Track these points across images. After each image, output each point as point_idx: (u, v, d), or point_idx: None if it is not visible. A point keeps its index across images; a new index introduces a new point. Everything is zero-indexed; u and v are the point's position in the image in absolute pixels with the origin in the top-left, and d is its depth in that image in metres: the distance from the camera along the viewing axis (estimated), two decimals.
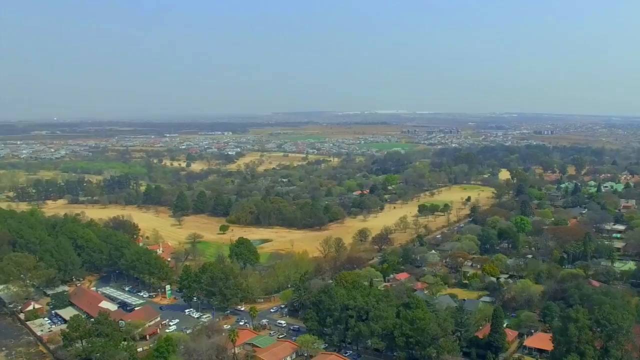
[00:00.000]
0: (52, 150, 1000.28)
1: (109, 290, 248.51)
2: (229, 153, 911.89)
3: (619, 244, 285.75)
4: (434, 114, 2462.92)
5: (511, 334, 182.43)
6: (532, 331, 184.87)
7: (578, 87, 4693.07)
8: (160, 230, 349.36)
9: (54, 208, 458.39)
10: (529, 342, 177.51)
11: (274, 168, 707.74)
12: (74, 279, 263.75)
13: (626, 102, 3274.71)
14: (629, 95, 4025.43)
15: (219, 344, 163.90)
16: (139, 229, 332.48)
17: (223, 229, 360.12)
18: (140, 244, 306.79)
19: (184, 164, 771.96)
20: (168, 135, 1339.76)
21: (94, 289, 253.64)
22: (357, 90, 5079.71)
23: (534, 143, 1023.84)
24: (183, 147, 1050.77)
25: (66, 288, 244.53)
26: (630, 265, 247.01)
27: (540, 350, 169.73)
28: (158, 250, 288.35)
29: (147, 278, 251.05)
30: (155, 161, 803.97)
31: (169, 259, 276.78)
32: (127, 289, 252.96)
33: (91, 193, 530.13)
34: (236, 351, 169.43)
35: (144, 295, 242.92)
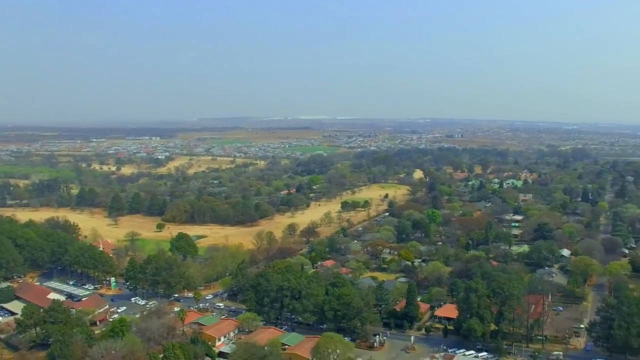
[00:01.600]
0: None
1: (54, 284, 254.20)
2: (159, 157, 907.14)
3: (516, 231, 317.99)
4: (353, 119, 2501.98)
5: (424, 307, 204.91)
6: (442, 303, 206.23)
7: (485, 95, 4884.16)
8: (98, 229, 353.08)
9: None
10: (439, 312, 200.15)
11: (203, 171, 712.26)
12: (15, 276, 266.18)
13: (529, 109, 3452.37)
14: (531, 103, 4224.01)
15: (169, 324, 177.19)
16: (79, 228, 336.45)
17: (160, 227, 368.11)
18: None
19: (113, 168, 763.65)
20: (95, 140, 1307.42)
21: (37, 284, 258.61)
22: (280, 97, 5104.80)
23: (445, 146, 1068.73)
24: (111, 151, 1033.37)
25: (9, 284, 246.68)
26: (525, 248, 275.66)
27: (449, 319, 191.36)
28: (99, 247, 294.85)
29: (92, 272, 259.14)
30: (83, 165, 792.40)
31: (110, 255, 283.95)
32: (71, 282, 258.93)
33: (19, 197, 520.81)
34: (185, 329, 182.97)
35: (89, 288, 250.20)
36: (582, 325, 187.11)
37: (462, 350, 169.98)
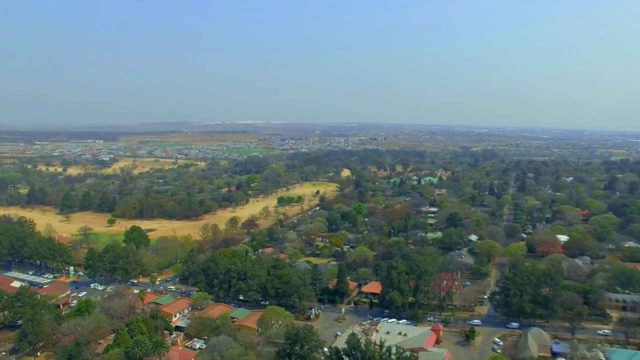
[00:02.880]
0: None
1: (14, 274, 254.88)
2: (104, 159, 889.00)
3: (431, 221, 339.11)
4: (286, 123, 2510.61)
5: (352, 284, 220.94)
6: (367, 281, 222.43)
7: (406, 102, 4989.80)
8: (51, 225, 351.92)
9: None
10: (365, 288, 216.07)
11: (147, 171, 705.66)
12: None
13: (446, 114, 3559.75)
14: (447, 109, 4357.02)
15: (130, 303, 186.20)
16: (35, 224, 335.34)
17: (111, 222, 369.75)
18: None
19: (60, 169, 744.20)
20: (38, 142, 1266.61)
21: None
22: (217, 103, 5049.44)
23: (370, 147, 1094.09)
24: (56, 153, 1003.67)
25: None
26: (439, 234, 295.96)
27: (374, 294, 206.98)
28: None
29: (51, 262, 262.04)
30: (29, 166, 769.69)
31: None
32: (30, 273, 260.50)
33: None
34: (144, 308, 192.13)
35: (49, 277, 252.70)
36: (485, 296, 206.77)
37: (385, 319, 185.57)
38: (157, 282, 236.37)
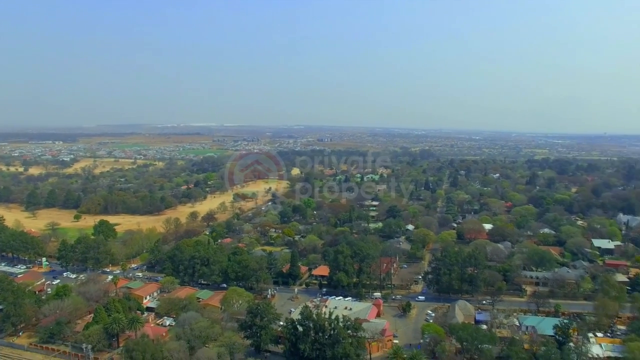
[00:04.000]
0: None
1: None
2: (64, 159, 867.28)
3: (373, 213, 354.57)
4: (238, 126, 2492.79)
5: (303, 269, 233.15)
6: (317, 266, 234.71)
7: (349, 106, 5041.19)
8: (19, 221, 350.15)
9: None
10: (315, 272, 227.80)
11: (108, 170, 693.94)
12: None
13: (387, 117, 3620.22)
14: (387, 112, 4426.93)
15: (104, 288, 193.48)
16: (4, 219, 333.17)
17: (77, 217, 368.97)
18: None
19: (21, 169, 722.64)
20: None
21: None
22: (173, 106, 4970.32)
23: (317, 148, 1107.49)
24: (15, 154, 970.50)
25: None
26: (380, 224, 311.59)
27: (322, 276, 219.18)
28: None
29: (24, 254, 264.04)
30: None
31: None
32: (3, 264, 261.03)
33: None
34: (117, 292, 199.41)
35: (22, 268, 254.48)
36: (419, 276, 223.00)
37: (333, 297, 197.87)
38: (126, 270, 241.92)
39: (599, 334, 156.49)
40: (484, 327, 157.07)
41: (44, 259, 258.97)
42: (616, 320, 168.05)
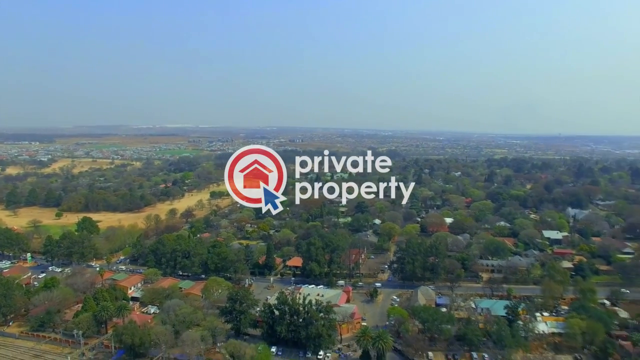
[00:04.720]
0: None
1: None
2: (42, 159, 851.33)
3: (343, 209, 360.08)
4: (213, 127, 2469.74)
5: (278, 260, 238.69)
6: (290, 257, 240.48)
7: (319, 107, 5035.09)
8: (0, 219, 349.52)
9: None
10: (289, 263, 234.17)
11: (87, 170, 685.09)
12: None
13: (356, 118, 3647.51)
14: (357, 114, 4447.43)
15: (91, 280, 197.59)
16: None
17: (59, 215, 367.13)
18: None
19: None
20: None
21: None
22: (148, 107, 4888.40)
23: (289, 148, 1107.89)
24: None
25: None
26: (349, 219, 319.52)
27: (296, 267, 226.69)
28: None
29: (8, 250, 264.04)
30: None
31: None
32: None
33: None
34: (103, 283, 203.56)
35: (7, 263, 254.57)
36: (386, 266, 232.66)
37: (306, 285, 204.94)
38: (110, 263, 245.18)
39: (545, 314, 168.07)
40: (444, 309, 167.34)
41: (28, 254, 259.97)
42: (560, 301, 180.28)
